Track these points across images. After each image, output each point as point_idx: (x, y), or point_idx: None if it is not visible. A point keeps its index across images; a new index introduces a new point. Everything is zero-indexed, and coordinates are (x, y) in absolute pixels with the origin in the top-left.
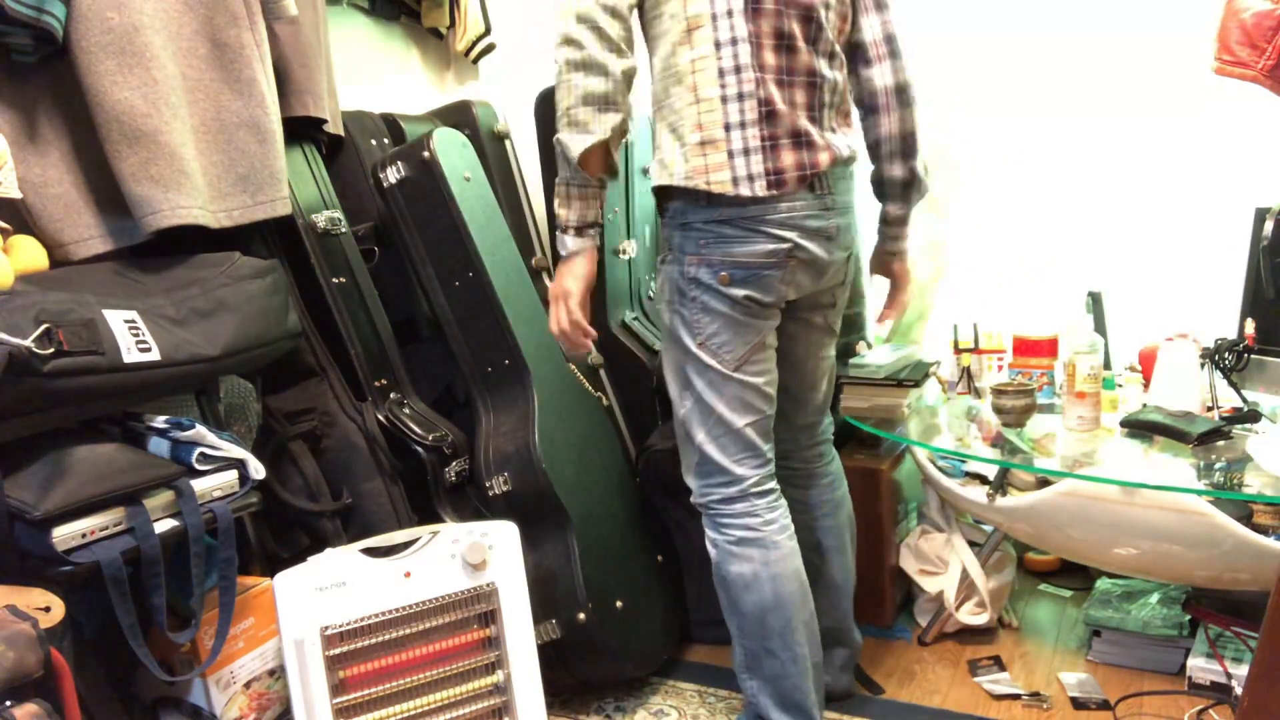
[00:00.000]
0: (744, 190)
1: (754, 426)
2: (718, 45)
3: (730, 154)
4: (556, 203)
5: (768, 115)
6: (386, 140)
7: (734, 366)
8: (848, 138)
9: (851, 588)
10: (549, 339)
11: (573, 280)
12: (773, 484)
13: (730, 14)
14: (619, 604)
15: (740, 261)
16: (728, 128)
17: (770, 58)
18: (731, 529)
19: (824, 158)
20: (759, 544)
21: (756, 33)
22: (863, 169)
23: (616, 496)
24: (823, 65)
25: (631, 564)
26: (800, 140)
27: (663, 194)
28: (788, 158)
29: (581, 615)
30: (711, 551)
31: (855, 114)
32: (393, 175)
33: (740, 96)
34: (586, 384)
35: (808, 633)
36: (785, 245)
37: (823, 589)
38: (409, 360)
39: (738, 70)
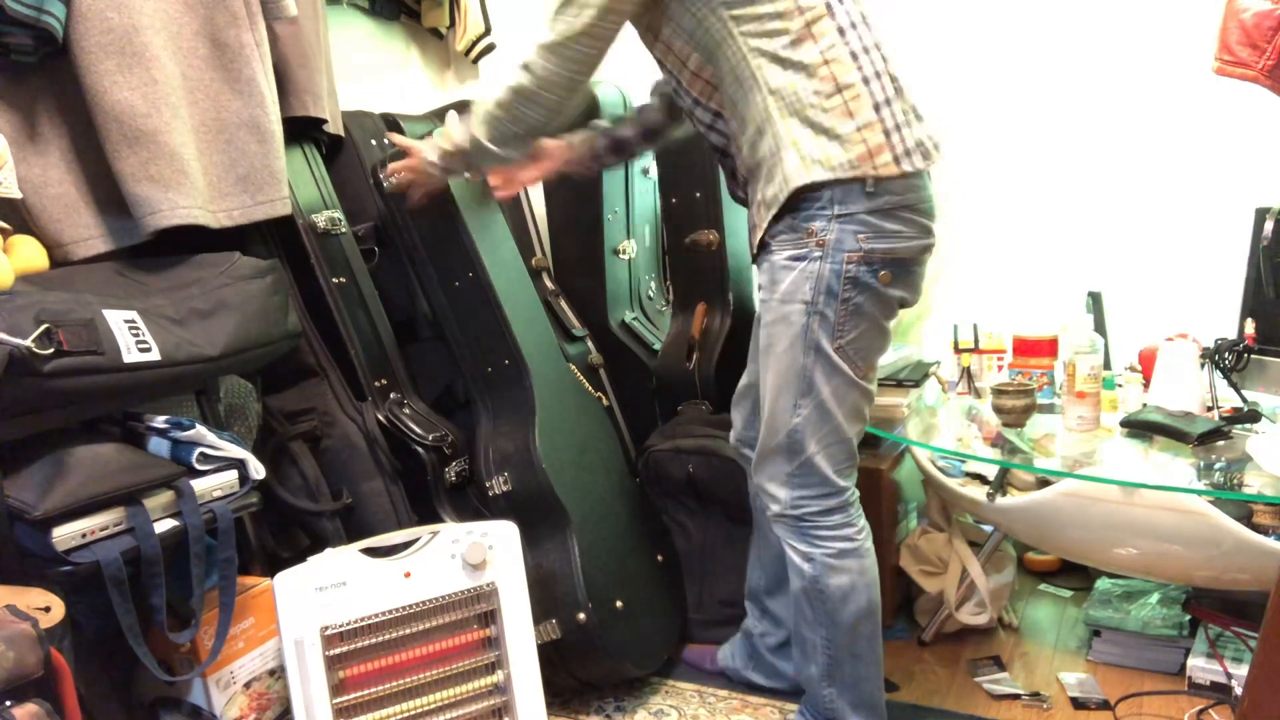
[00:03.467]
0: (907, 166)
1: (859, 436)
2: (841, 32)
3: (887, 133)
4: (483, 128)
5: (898, 91)
6: (386, 140)
7: (863, 373)
8: None
9: None
10: (549, 339)
11: (433, 172)
12: (857, 492)
13: (843, 1)
14: (619, 604)
15: (901, 258)
16: (877, 107)
17: (881, 39)
18: (831, 541)
19: (939, 136)
20: (857, 554)
21: (865, 15)
22: None
23: (617, 496)
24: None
25: (631, 564)
26: (919, 115)
27: (805, 188)
28: (920, 131)
29: (581, 615)
30: (805, 567)
31: None
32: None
33: (877, 75)
34: (586, 384)
35: (879, 634)
36: (931, 240)
37: None
38: (409, 360)
39: (866, 52)
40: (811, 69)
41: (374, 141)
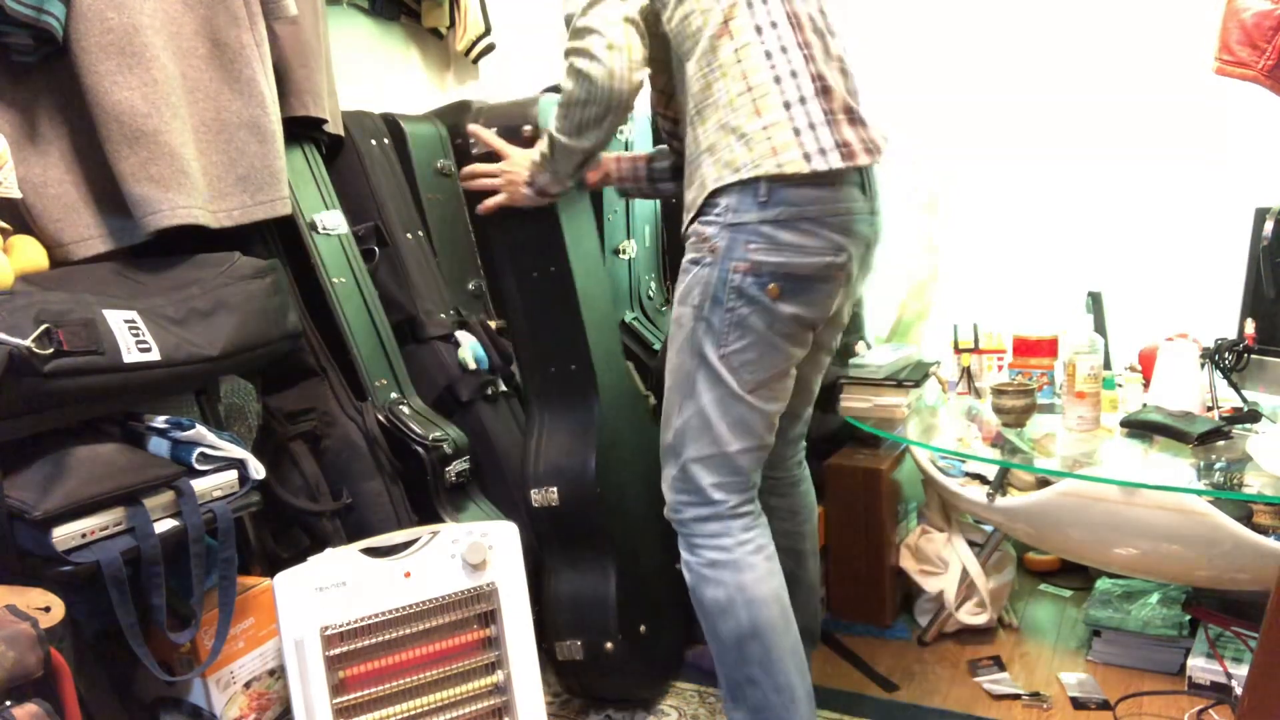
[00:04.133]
0: (818, 165)
1: (748, 454)
2: (758, 30)
3: (796, 130)
4: (556, 123)
5: (823, 90)
6: (386, 140)
7: (750, 389)
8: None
9: (820, 585)
10: (618, 351)
11: (525, 191)
12: (750, 507)
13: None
14: (642, 629)
15: (794, 273)
16: (787, 105)
17: (812, 38)
18: (704, 550)
19: (877, 135)
20: (732, 566)
21: (794, 14)
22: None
23: (656, 518)
24: (846, 54)
25: (657, 582)
26: (854, 117)
27: (711, 193)
28: (849, 132)
29: (609, 645)
30: (686, 573)
31: None
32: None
33: (793, 74)
34: (640, 385)
35: (794, 661)
36: (841, 257)
37: (802, 591)
38: (409, 360)
39: (783, 50)
40: (725, 68)
41: (374, 141)
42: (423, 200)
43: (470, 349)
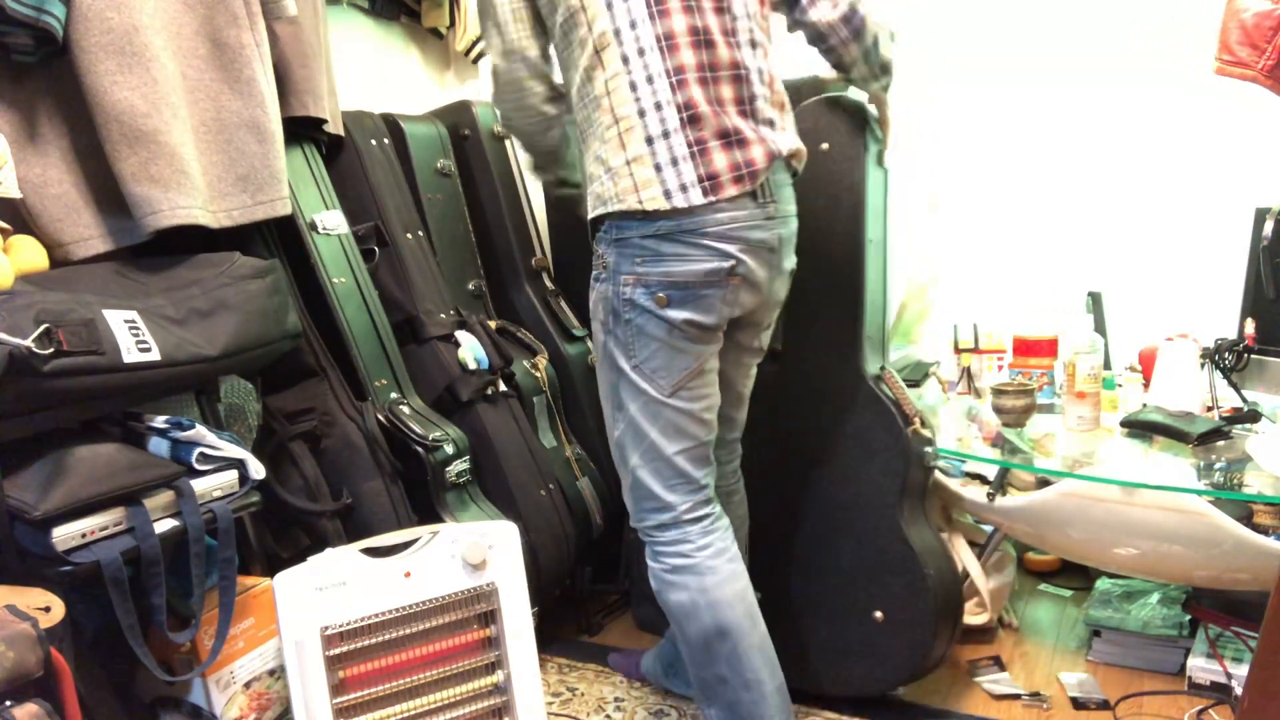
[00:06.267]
0: (679, 202)
1: (686, 454)
2: (625, 60)
3: (658, 167)
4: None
5: (690, 120)
6: (386, 140)
7: (669, 392)
8: (787, 132)
9: None
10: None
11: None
12: (708, 509)
13: (634, 25)
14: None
15: (678, 281)
16: (649, 140)
17: (689, 56)
18: (666, 556)
19: (759, 154)
20: (693, 570)
21: (668, 34)
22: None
23: None
24: (746, 56)
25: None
26: (731, 140)
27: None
28: (720, 160)
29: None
30: (652, 581)
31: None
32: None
33: (658, 106)
34: None
35: (762, 657)
36: (728, 263)
37: None
38: (409, 360)
39: (650, 81)
40: (598, 99)
41: (374, 141)
42: (422, 200)
43: (470, 349)
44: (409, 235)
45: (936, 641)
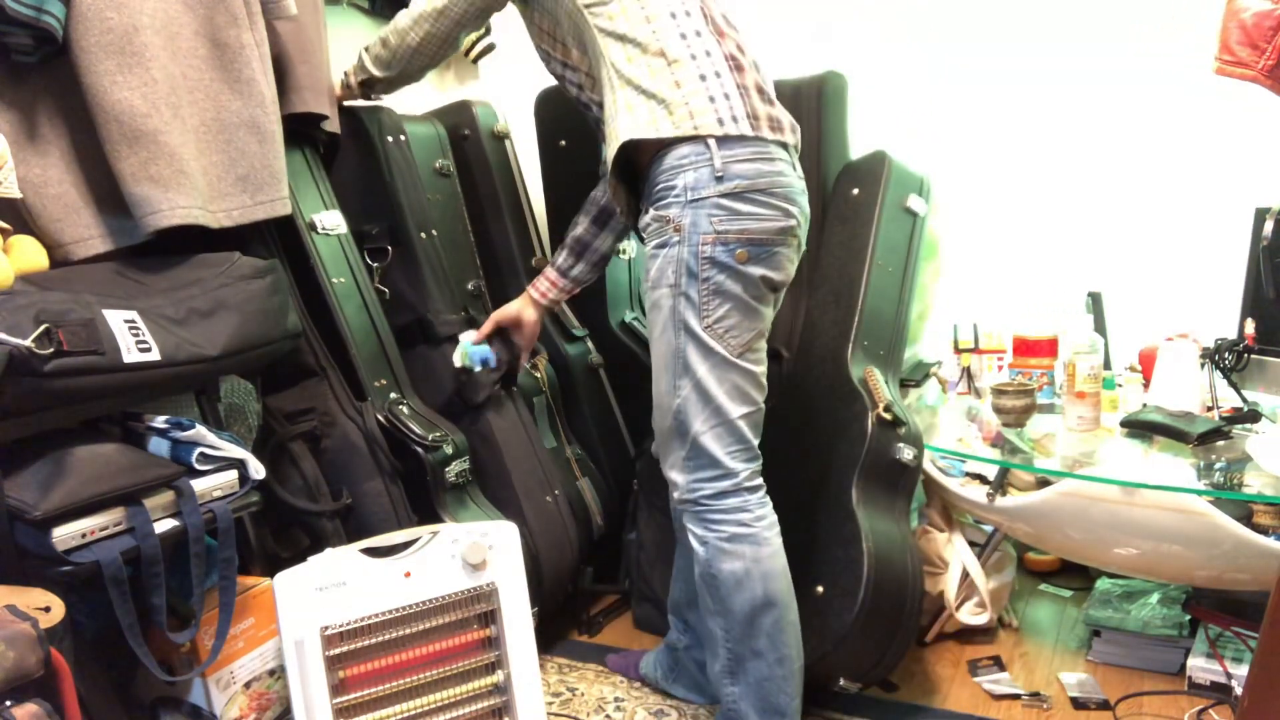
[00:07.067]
0: (731, 129)
1: (748, 419)
2: (673, 15)
3: (711, 99)
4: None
5: (735, 67)
6: (403, 137)
7: (738, 352)
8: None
9: None
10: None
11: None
12: (760, 479)
13: None
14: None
15: (755, 238)
16: (703, 78)
17: (724, 27)
18: (724, 525)
19: (784, 117)
20: (751, 540)
21: (702, 5)
22: None
23: None
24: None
25: None
26: (765, 96)
27: (655, 173)
28: (760, 107)
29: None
30: (700, 550)
31: None
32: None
33: (707, 53)
34: None
35: (795, 635)
36: (791, 221)
37: None
38: (421, 362)
39: (698, 34)
40: (644, 45)
41: (389, 139)
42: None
43: (464, 348)
44: (422, 234)
45: (869, 621)
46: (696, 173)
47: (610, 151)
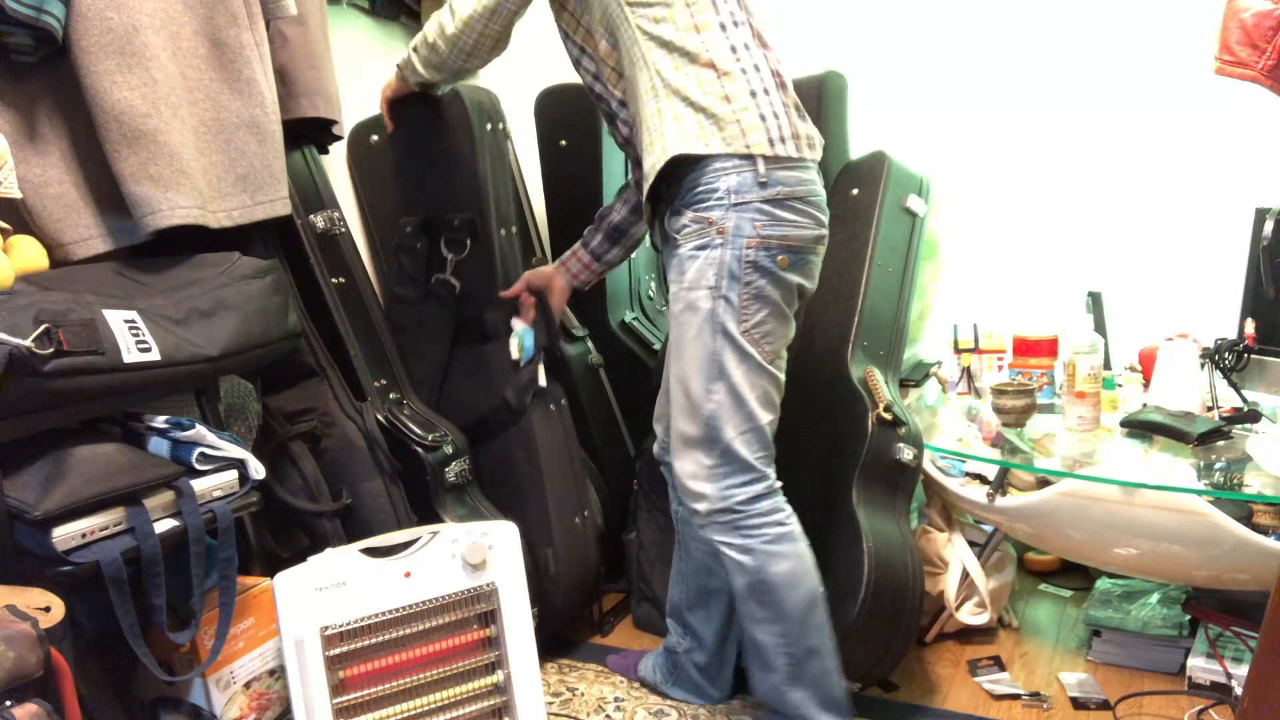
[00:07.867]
0: (780, 150)
1: (771, 426)
2: (723, 27)
3: (762, 117)
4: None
5: (780, 85)
6: (501, 126)
7: (770, 359)
8: None
9: None
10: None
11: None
12: (780, 483)
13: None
14: None
15: (794, 245)
16: (753, 94)
17: (767, 40)
18: (765, 528)
19: (816, 135)
20: (791, 538)
21: (749, 19)
22: None
23: None
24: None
25: None
26: (801, 113)
27: (695, 176)
28: (800, 126)
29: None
30: (745, 560)
31: None
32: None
33: (756, 68)
34: None
35: (830, 627)
36: (824, 230)
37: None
38: (473, 361)
39: (747, 47)
40: (694, 56)
41: (488, 126)
42: None
43: (519, 336)
44: (503, 231)
45: (869, 621)
46: (740, 176)
47: (657, 162)
